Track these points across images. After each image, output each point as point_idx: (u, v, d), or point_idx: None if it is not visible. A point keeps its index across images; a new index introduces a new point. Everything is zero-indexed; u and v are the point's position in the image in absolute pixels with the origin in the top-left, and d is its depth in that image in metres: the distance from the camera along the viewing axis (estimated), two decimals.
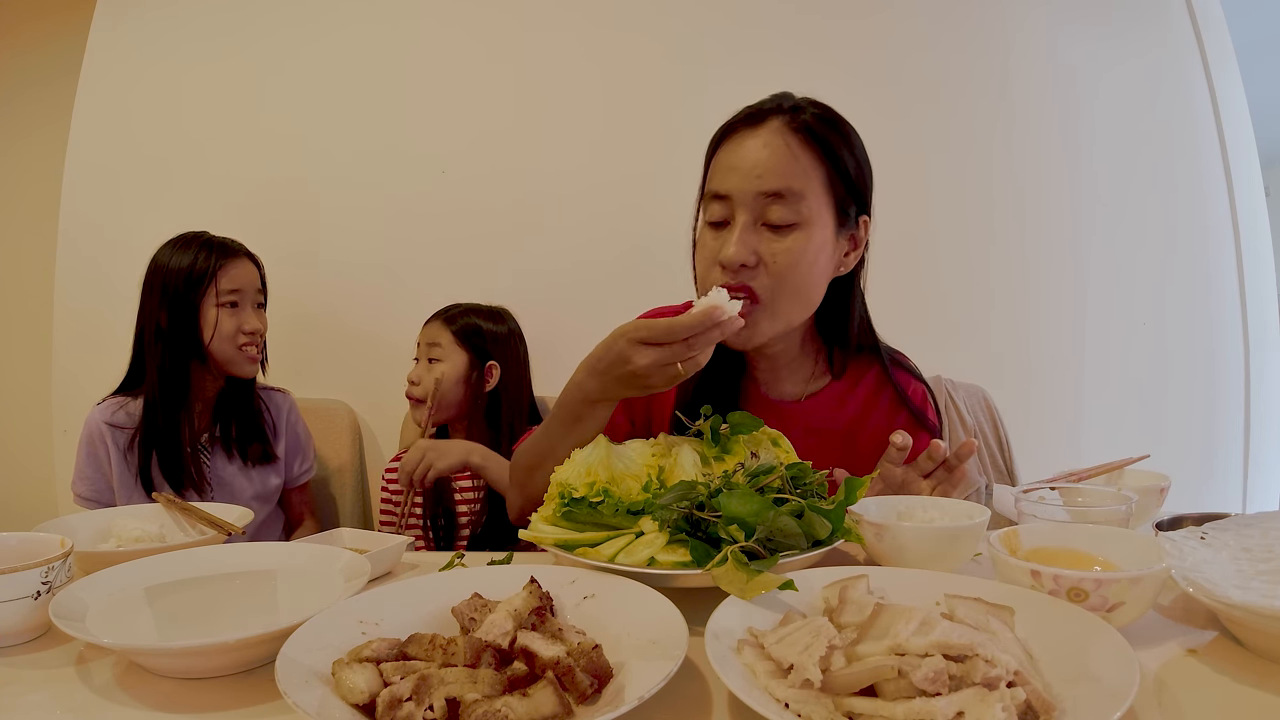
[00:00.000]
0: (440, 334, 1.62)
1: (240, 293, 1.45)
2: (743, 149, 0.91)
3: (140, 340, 1.43)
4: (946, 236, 1.98)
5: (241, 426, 1.52)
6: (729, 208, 0.91)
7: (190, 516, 0.96)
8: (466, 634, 0.54)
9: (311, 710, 0.44)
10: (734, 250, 0.88)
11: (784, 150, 0.89)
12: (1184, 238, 2.00)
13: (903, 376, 1.08)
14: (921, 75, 1.97)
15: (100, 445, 1.40)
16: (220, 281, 1.42)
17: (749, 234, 0.89)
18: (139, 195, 2.04)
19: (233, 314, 1.44)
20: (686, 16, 1.97)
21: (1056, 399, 1.98)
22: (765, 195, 0.89)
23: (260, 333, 1.48)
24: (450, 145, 2.00)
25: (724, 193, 0.91)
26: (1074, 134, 1.98)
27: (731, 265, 0.89)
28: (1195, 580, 0.57)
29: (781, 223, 0.89)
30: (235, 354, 1.44)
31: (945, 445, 0.87)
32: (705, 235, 0.95)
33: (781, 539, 0.65)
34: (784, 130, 0.91)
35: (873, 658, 0.47)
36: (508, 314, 1.71)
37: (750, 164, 0.89)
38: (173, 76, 2.05)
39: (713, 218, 0.93)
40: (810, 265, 0.91)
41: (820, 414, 1.03)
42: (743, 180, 0.90)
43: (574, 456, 0.76)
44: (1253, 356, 2.01)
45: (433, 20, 2.00)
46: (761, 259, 0.89)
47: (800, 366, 1.05)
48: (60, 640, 0.63)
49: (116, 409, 1.41)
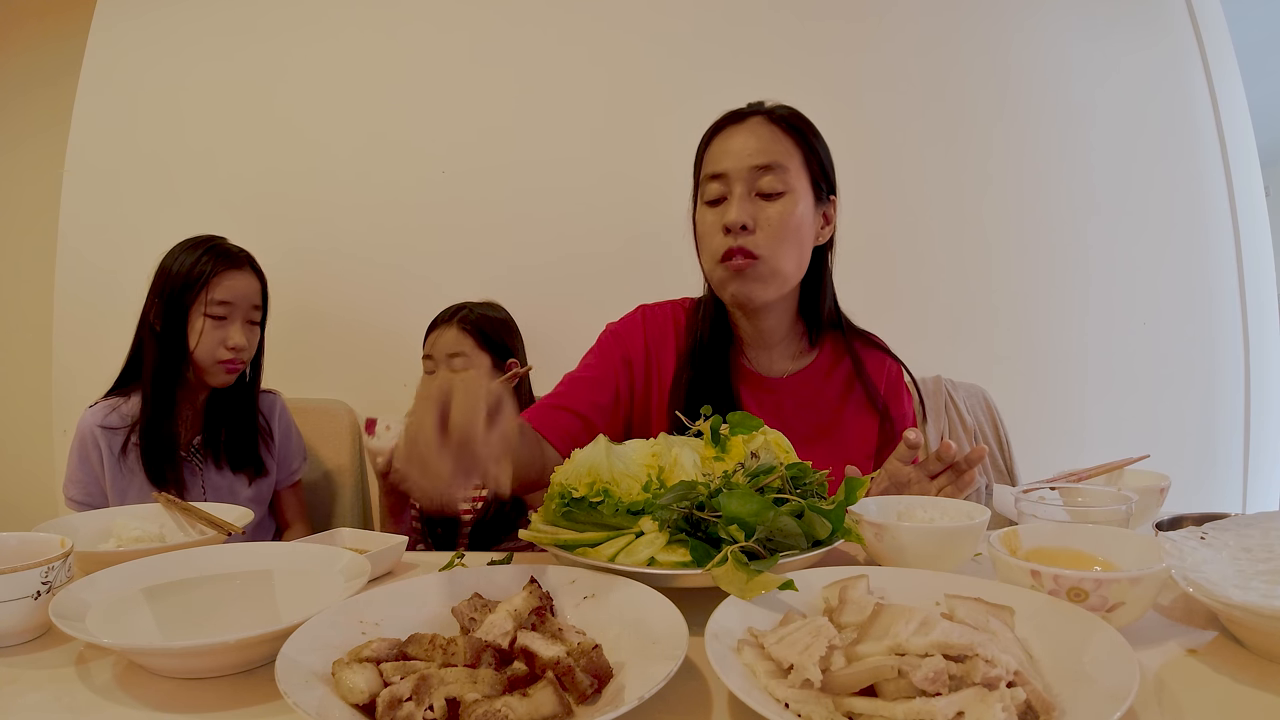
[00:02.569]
0: (461, 341, 1.58)
1: (231, 306, 1.42)
2: (734, 138, 1.05)
3: (138, 338, 1.43)
4: (946, 236, 1.98)
5: (233, 433, 1.51)
6: (726, 185, 1.04)
7: (190, 516, 0.96)
8: (466, 634, 0.54)
9: (311, 710, 0.44)
10: (735, 214, 1.01)
11: (768, 134, 1.05)
12: (1184, 238, 2.00)
13: (874, 355, 1.16)
14: (921, 77, 1.97)
15: (93, 449, 1.39)
16: (212, 291, 1.39)
17: (746, 202, 1.03)
18: (139, 195, 2.04)
19: (219, 326, 1.41)
20: (684, 15, 1.97)
21: (1056, 399, 1.98)
22: (757, 169, 1.03)
23: (242, 349, 1.43)
24: (450, 145, 2.00)
25: (720, 172, 1.05)
26: (1074, 134, 1.99)
27: (734, 226, 1.01)
28: (1195, 580, 0.57)
29: (771, 191, 1.03)
30: (213, 366, 1.42)
31: (955, 446, 0.88)
32: (704, 213, 1.07)
33: (781, 539, 0.65)
34: (765, 122, 1.06)
35: (873, 658, 0.47)
36: (499, 306, 1.72)
37: (741, 147, 1.04)
38: (173, 76, 2.05)
39: (710, 197, 1.06)
40: (797, 227, 1.04)
41: (808, 389, 1.13)
42: (736, 160, 1.04)
43: (574, 456, 0.76)
44: (1253, 356, 2.01)
45: (432, 20, 2.00)
46: (757, 223, 1.02)
47: (787, 344, 1.15)
48: (60, 640, 0.63)
49: (109, 411, 1.40)
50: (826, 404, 1.13)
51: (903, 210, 1.97)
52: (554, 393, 1.10)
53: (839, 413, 1.13)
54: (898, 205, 1.97)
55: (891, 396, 1.15)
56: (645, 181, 1.94)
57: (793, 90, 1.10)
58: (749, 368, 1.13)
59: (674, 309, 1.18)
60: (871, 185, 1.96)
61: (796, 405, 1.11)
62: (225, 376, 1.44)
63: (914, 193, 1.97)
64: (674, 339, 1.14)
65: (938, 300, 1.97)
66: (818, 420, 1.12)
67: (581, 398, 1.08)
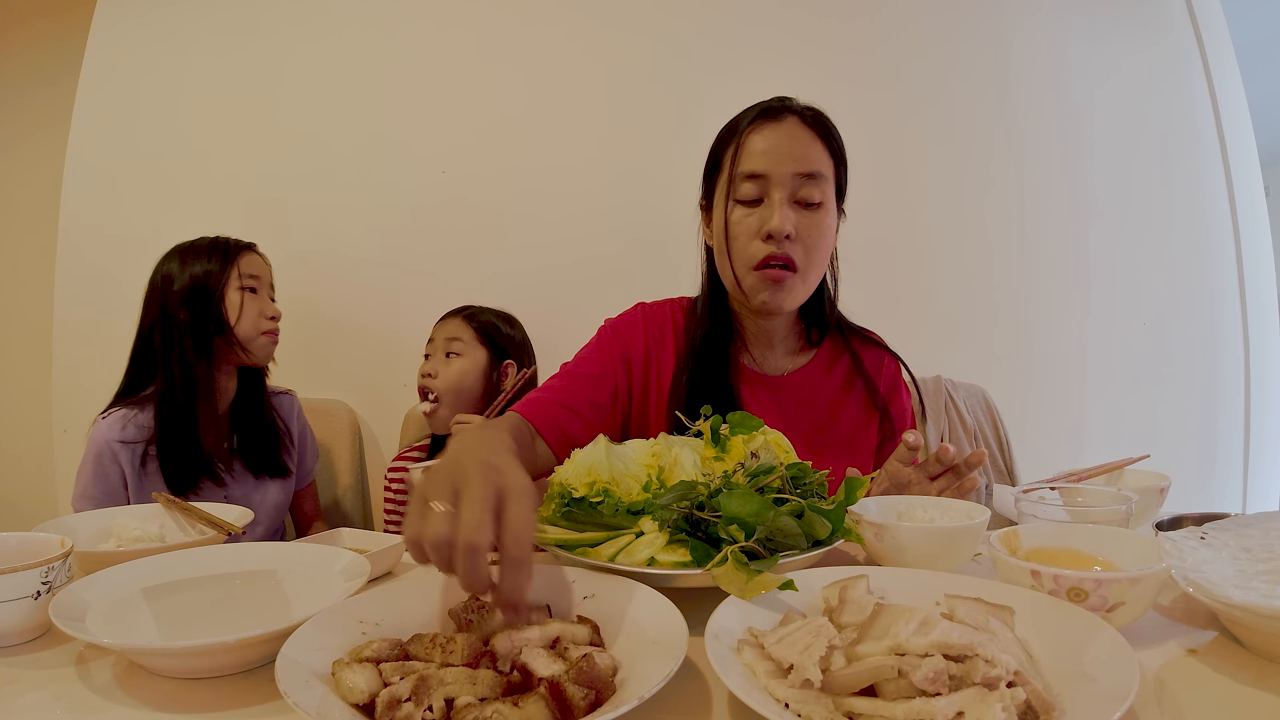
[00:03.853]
0: (462, 329, 1.63)
1: (259, 279, 1.46)
2: (775, 135, 1.01)
3: (149, 344, 1.39)
4: (947, 236, 1.98)
5: (258, 438, 1.50)
6: (763, 186, 1.01)
7: (190, 516, 0.96)
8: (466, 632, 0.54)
9: (311, 710, 0.44)
10: (779, 221, 0.98)
11: (810, 140, 1.02)
12: (1184, 238, 2.00)
13: (872, 352, 1.16)
14: (922, 77, 1.97)
15: (111, 465, 1.32)
16: (240, 266, 1.43)
17: (788, 210, 1.00)
18: (139, 195, 2.04)
19: (254, 299, 1.44)
20: (686, 16, 1.97)
21: (1056, 399, 1.98)
22: (801, 176, 1.00)
23: (279, 318, 1.48)
24: (451, 145, 2.00)
25: (760, 172, 1.01)
26: (1074, 134, 1.99)
27: (780, 234, 0.99)
28: (1195, 580, 0.57)
29: (810, 200, 1.01)
30: (257, 338, 1.43)
31: (954, 449, 0.88)
32: (738, 212, 1.03)
33: (781, 539, 0.65)
34: (802, 124, 1.02)
35: (873, 658, 0.46)
36: (518, 322, 1.73)
37: (785, 149, 1.00)
38: (173, 76, 2.05)
39: (746, 196, 1.02)
40: (830, 240, 1.05)
41: (808, 387, 1.13)
42: (779, 162, 1.00)
43: (574, 456, 0.76)
44: (1253, 356, 2.01)
45: (432, 21, 2.00)
46: (798, 232, 1.00)
47: (788, 341, 1.15)
48: (60, 640, 0.63)
49: (125, 423, 1.35)
50: (826, 401, 1.12)
51: (903, 210, 1.97)
52: (551, 385, 1.08)
53: (839, 410, 1.12)
54: (898, 205, 1.97)
55: (890, 393, 1.15)
56: (648, 184, 1.93)
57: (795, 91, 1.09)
58: (749, 366, 1.13)
59: (672, 307, 1.18)
60: (872, 185, 1.96)
61: (797, 403, 1.11)
62: (270, 347, 1.47)
63: (914, 192, 1.97)
64: (673, 337, 1.14)
65: (938, 300, 1.97)
66: (817, 418, 1.11)
67: (580, 395, 1.06)
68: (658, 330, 1.15)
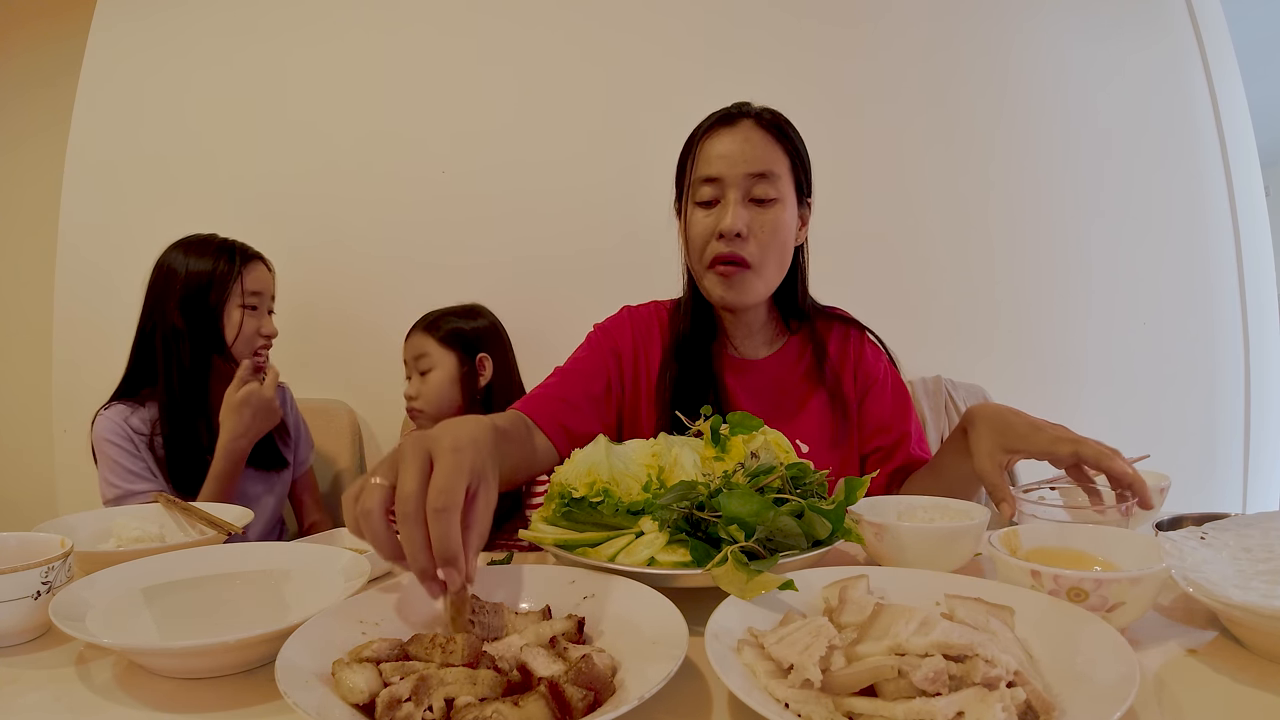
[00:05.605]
0: (425, 343, 1.63)
1: (260, 296, 1.45)
2: (728, 140, 1.06)
3: (149, 344, 1.40)
4: (947, 236, 1.98)
5: None
6: (719, 188, 1.06)
7: (190, 516, 0.96)
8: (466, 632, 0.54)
9: (311, 710, 0.44)
10: (731, 221, 1.03)
11: (762, 141, 1.06)
12: (1184, 238, 2.00)
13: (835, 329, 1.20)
14: (922, 77, 1.97)
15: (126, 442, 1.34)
16: (245, 282, 1.42)
17: (741, 209, 1.05)
18: (138, 195, 2.04)
19: (253, 316, 1.43)
20: (683, 17, 1.97)
21: (1056, 399, 1.98)
22: (752, 175, 1.05)
23: (275, 336, 1.48)
24: (450, 145, 2.00)
25: (715, 175, 1.06)
26: (1074, 134, 1.99)
27: (730, 233, 1.03)
28: (1195, 580, 0.57)
29: (765, 198, 1.05)
30: (251, 356, 1.43)
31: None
32: (697, 214, 1.09)
33: (781, 539, 0.65)
34: (756, 127, 1.07)
35: (873, 658, 0.46)
36: (482, 308, 1.73)
37: (738, 151, 1.05)
38: (173, 76, 2.05)
39: (703, 198, 1.08)
40: (785, 234, 1.08)
41: (780, 369, 1.18)
42: (732, 165, 1.05)
43: (574, 456, 0.76)
44: (1253, 356, 2.01)
45: (432, 22, 2.00)
46: (750, 229, 1.05)
47: (766, 330, 1.20)
48: (60, 640, 0.63)
49: (125, 417, 1.36)
50: (793, 383, 1.16)
51: (903, 210, 1.98)
52: (546, 384, 1.12)
53: (805, 392, 1.16)
54: (899, 205, 1.97)
55: (857, 362, 1.18)
56: (643, 181, 1.93)
57: (795, 93, 1.11)
58: (732, 355, 1.18)
59: (656, 309, 1.23)
60: (873, 186, 1.96)
61: (766, 384, 1.16)
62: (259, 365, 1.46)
63: (915, 193, 1.97)
64: (659, 336, 1.19)
65: (939, 300, 1.97)
66: (781, 399, 1.15)
67: (575, 387, 1.10)
68: (645, 329, 1.20)
